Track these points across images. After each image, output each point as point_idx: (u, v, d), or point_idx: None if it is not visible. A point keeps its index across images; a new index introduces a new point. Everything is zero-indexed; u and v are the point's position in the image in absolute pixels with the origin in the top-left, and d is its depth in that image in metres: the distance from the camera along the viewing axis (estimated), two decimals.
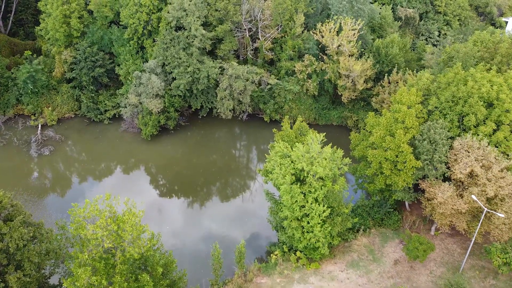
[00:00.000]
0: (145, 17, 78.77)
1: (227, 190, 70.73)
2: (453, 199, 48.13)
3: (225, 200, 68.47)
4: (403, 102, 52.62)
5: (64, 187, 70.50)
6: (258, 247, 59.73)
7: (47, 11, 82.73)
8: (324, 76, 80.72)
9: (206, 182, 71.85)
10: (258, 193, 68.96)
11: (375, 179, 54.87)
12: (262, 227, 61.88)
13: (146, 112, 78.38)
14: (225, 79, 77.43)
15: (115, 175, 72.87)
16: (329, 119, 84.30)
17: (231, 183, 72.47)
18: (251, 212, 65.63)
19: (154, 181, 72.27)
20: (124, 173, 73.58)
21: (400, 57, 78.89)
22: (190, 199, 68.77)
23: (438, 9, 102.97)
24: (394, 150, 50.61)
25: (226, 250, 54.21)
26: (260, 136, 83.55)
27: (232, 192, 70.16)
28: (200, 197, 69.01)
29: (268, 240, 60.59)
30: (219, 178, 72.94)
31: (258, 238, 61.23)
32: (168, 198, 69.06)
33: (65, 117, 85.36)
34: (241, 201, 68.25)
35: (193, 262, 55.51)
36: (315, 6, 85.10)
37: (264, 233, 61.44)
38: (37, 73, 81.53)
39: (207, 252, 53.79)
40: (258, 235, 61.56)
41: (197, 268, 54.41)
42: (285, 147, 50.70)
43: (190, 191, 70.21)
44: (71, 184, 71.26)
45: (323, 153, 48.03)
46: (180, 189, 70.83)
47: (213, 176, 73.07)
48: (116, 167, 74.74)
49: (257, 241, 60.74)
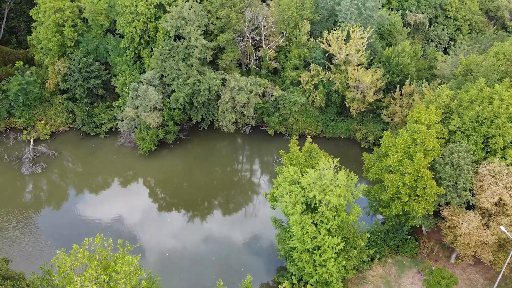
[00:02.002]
0: (142, 26, 74.54)
1: (230, 210, 66.50)
2: (479, 230, 43.96)
3: (228, 222, 64.31)
4: (422, 122, 48.40)
5: (56, 208, 66.34)
6: (265, 275, 55.60)
7: (39, 19, 78.49)
8: (332, 87, 76.52)
9: (207, 202, 67.71)
10: (263, 213, 64.76)
11: (391, 204, 50.67)
12: (268, 253, 57.83)
13: (144, 126, 74.18)
14: (227, 91, 73.21)
15: (111, 195, 68.65)
16: (336, 131, 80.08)
17: (234, 202, 68.25)
18: (257, 235, 61.46)
19: (152, 201, 68.04)
20: (121, 192, 69.41)
21: (411, 67, 74.73)
22: (190, 220, 64.58)
23: (448, 14, 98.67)
24: (413, 175, 46.42)
25: (229, 279, 50.30)
26: (264, 150, 79.42)
27: (236, 213, 65.94)
28: (201, 218, 64.83)
29: (276, 265, 56.50)
30: (221, 196, 68.80)
31: (264, 265, 57.10)
32: (168, 219, 64.88)
33: (59, 130, 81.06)
34: (245, 222, 64.10)
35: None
36: (321, 12, 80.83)
37: (271, 259, 57.36)
38: (29, 85, 77.27)
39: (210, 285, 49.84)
40: (264, 262, 57.44)
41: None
42: (294, 172, 46.48)
43: (190, 210, 66.08)
44: (64, 205, 67.06)
45: (337, 180, 43.81)
46: (180, 209, 66.66)
47: (215, 194, 68.96)
48: (112, 186, 70.53)
49: (263, 269, 56.62)
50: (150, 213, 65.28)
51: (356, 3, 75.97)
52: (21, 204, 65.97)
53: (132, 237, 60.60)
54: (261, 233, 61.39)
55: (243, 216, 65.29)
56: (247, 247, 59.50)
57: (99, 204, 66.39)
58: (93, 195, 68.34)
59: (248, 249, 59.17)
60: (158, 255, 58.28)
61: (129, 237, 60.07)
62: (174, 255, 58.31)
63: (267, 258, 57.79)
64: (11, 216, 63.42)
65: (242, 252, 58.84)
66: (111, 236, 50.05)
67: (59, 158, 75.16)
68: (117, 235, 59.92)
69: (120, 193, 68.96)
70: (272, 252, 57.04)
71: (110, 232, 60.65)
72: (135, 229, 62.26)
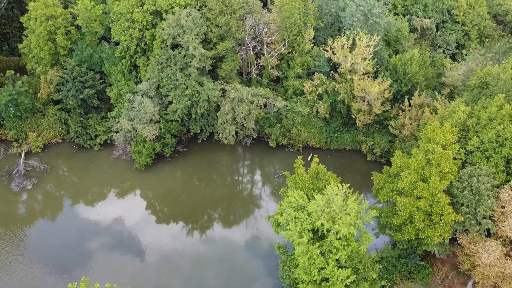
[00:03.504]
0: (138, 34, 71.04)
1: (232, 230, 62.90)
2: (501, 261, 40.57)
3: (229, 242, 60.77)
4: (437, 141, 44.95)
5: (48, 228, 62.76)
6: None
7: (30, 27, 74.94)
8: (337, 97, 73.07)
9: (206, 220, 64.27)
10: (266, 234, 61.29)
11: (403, 228, 47.24)
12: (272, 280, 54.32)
13: (140, 139, 70.74)
14: (227, 102, 69.73)
15: (105, 212, 65.01)
16: (341, 143, 76.61)
17: (235, 221, 64.66)
18: (259, 256, 58.05)
19: (148, 220, 64.56)
20: (116, 209, 65.74)
21: (420, 76, 71.31)
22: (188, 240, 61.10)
23: (456, 19, 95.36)
24: (428, 199, 43.00)
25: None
26: (266, 163, 76.05)
27: (237, 233, 62.37)
28: (200, 237, 61.38)
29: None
30: (221, 214, 65.39)
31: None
32: (165, 240, 61.32)
33: (52, 142, 77.52)
34: (247, 243, 60.57)
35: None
36: (325, 19, 77.34)
37: (275, 286, 53.94)
38: (20, 96, 73.75)
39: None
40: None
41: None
42: (300, 197, 43.04)
43: (189, 228, 62.63)
44: (55, 224, 63.49)
45: (347, 208, 40.36)
46: (178, 226, 63.23)
47: (215, 211, 65.57)
48: (106, 203, 66.97)
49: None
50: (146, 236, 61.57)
51: (362, 9, 72.59)
52: (11, 223, 62.48)
53: (126, 264, 57.12)
54: (264, 255, 57.98)
55: (245, 236, 61.74)
56: (249, 272, 56.00)
57: (93, 223, 62.94)
58: (86, 214, 64.76)
59: (250, 275, 55.65)
60: (154, 280, 54.96)
61: (122, 265, 56.71)
62: (171, 280, 54.94)
63: (270, 285, 54.29)
64: (0, 237, 60.07)
65: (244, 277, 55.37)
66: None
67: (51, 172, 71.68)
68: (111, 261, 56.87)
69: (115, 211, 65.30)
70: (276, 280, 53.47)
71: (103, 256, 57.44)
72: (130, 253, 58.81)
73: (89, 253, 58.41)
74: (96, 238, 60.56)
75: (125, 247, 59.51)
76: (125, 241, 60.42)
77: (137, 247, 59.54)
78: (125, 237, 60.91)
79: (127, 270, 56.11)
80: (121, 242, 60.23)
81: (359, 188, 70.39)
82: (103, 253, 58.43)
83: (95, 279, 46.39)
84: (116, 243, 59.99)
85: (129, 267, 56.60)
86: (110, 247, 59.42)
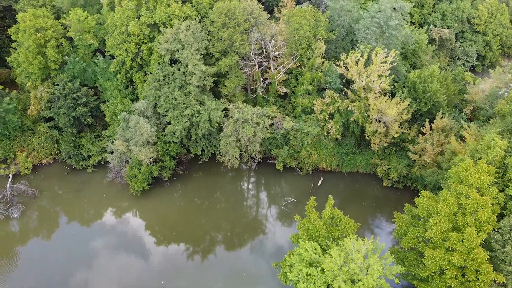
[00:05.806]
0: (134, 48, 65.37)
1: (235, 268, 57.18)
2: None
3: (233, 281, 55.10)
4: (471, 182, 38.88)
5: (33, 264, 57.32)
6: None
7: (18, 39, 69.46)
8: (350, 117, 67.01)
9: (207, 253, 58.52)
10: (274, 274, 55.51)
11: (430, 280, 41.20)
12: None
13: (136, 162, 65.16)
14: (230, 123, 63.89)
15: (98, 242, 59.61)
16: (354, 165, 70.53)
17: (237, 260, 58.83)
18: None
19: (145, 250, 58.95)
20: (109, 238, 60.31)
21: (441, 94, 65.09)
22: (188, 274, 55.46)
23: (477, 28, 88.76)
24: (463, 253, 36.96)
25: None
26: (273, 187, 70.03)
27: (241, 269, 56.61)
28: (201, 274, 55.68)
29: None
30: (224, 246, 59.58)
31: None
32: (162, 281, 55.70)
33: (43, 162, 72.22)
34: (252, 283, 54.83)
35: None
36: (337, 31, 71.16)
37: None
38: (8, 114, 68.50)
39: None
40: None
41: None
42: (313, 250, 37.11)
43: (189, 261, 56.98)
44: (42, 260, 57.94)
45: (369, 267, 34.40)
46: (176, 259, 57.58)
47: (216, 242, 59.82)
48: (99, 232, 61.47)
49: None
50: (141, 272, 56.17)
51: (378, 21, 66.34)
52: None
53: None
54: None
55: (250, 274, 56.01)
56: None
57: (83, 258, 57.41)
58: (76, 246, 59.21)
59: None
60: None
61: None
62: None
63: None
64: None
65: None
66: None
67: (40, 197, 66.29)
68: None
69: (107, 242, 59.83)
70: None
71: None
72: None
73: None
74: (85, 275, 55.01)
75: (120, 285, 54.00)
76: (117, 277, 54.84)
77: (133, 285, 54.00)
78: (118, 273, 55.31)
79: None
80: (112, 280, 54.67)
81: (374, 216, 64.60)
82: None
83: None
84: (110, 280, 54.47)
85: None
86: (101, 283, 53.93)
